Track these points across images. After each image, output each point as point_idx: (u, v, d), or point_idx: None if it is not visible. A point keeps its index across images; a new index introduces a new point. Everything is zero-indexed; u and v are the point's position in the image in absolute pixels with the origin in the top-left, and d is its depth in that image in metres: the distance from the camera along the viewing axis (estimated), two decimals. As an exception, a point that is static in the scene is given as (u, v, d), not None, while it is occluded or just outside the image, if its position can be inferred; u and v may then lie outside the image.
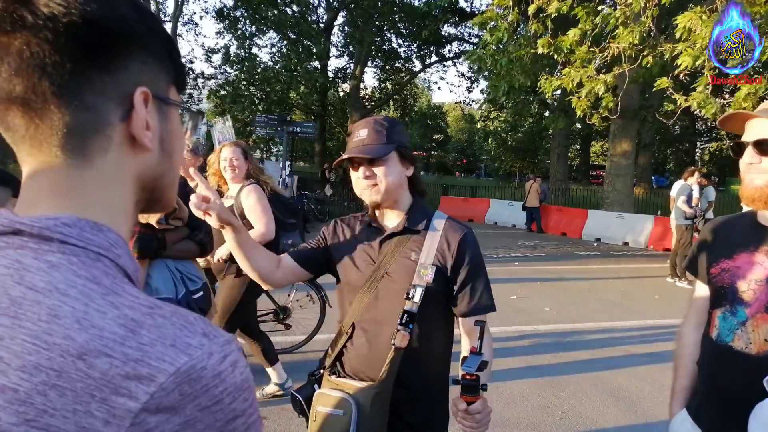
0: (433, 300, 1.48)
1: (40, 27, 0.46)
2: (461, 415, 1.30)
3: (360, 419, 1.42)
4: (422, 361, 1.51)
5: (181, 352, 0.45)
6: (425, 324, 1.49)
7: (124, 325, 0.45)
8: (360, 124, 1.54)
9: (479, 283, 1.54)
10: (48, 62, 0.47)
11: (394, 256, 1.52)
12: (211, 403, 0.45)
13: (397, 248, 1.53)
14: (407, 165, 1.56)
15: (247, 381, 0.48)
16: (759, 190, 1.30)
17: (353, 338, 1.55)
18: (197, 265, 2.72)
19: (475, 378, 1.26)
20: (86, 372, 0.42)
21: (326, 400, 1.49)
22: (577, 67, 7.48)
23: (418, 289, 1.46)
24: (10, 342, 0.43)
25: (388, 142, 1.49)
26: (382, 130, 1.49)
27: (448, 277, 1.51)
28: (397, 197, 1.55)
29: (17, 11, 0.46)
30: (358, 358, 1.53)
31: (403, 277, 1.49)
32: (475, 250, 1.56)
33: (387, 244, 1.54)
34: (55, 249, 0.48)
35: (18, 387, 0.42)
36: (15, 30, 0.46)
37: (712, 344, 1.40)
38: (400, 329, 1.45)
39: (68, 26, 0.47)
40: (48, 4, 0.46)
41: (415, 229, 1.54)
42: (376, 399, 1.44)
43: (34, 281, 0.45)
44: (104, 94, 0.51)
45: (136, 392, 0.43)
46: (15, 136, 0.51)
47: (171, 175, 0.61)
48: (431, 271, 1.48)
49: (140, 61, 0.53)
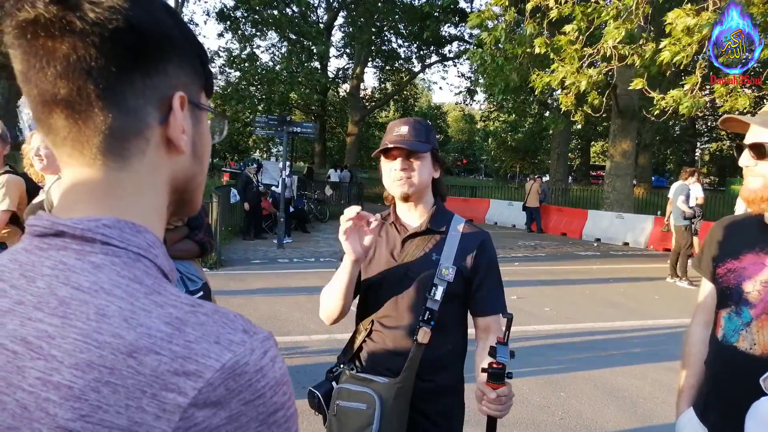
0: (453, 298, 1.55)
1: (88, 32, 0.48)
2: (488, 401, 1.33)
3: (383, 412, 1.47)
4: (441, 357, 1.56)
5: (225, 349, 0.46)
6: (444, 321, 1.54)
7: (170, 323, 0.47)
8: (400, 121, 1.61)
9: (496, 284, 1.62)
10: (94, 66, 0.49)
11: (416, 255, 1.58)
12: (254, 397, 0.46)
13: (419, 247, 1.59)
14: (437, 167, 1.64)
15: (286, 375, 0.50)
16: (753, 193, 1.31)
17: (372, 334, 1.59)
18: (197, 265, 2.72)
19: (503, 366, 1.31)
20: (137, 369, 0.44)
21: (349, 395, 1.53)
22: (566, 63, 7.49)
23: (439, 288, 1.52)
24: (61, 341, 0.45)
25: (426, 141, 1.57)
26: (421, 129, 1.58)
27: (467, 277, 1.57)
28: (424, 195, 1.62)
29: (66, 17, 0.47)
30: (378, 353, 1.58)
31: (424, 276, 1.55)
32: (492, 254, 1.64)
33: (409, 243, 1.60)
34: (98, 250, 0.49)
35: (72, 384, 0.43)
36: (63, 35, 0.48)
37: (717, 344, 1.40)
38: (422, 326, 1.50)
39: (114, 31, 0.48)
40: (95, 10, 0.48)
41: (437, 230, 1.60)
42: (399, 393, 1.49)
43: (80, 281, 0.47)
44: (145, 97, 0.52)
45: (184, 388, 0.44)
46: (56, 138, 0.52)
47: (201, 177, 0.62)
48: (452, 271, 1.54)
49: (177, 66, 0.55)
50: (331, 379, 1.65)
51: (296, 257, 9.46)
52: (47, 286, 0.47)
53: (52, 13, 0.47)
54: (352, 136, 25.06)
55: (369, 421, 1.47)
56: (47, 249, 0.50)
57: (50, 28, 0.47)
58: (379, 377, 1.53)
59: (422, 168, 1.56)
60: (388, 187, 1.62)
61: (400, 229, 1.63)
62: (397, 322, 1.56)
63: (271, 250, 10.11)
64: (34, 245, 0.51)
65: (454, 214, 1.67)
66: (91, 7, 0.48)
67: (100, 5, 0.48)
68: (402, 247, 1.60)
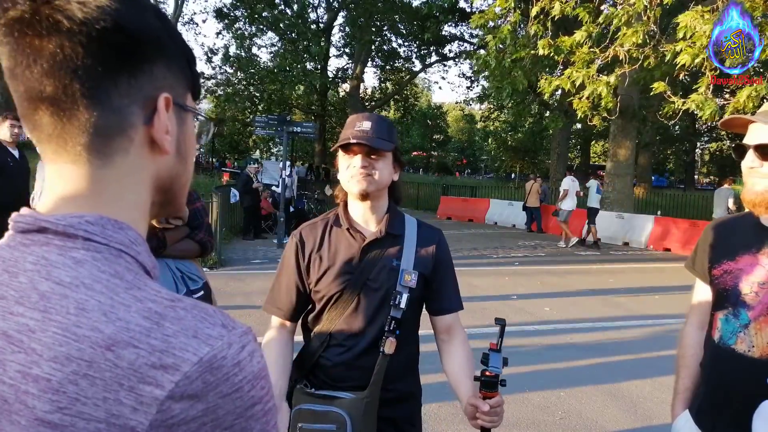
0: (414, 303, 1.51)
1: (75, 32, 0.48)
2: (482, 413, 1.31)
3: (354, 431, 1.41)
4: (404, 364, 1.54)
5: (203, 343, 0.47)
6: (408, 327, 1.52)
7: (149, 317, 0.47)
8: (362, 115, 1.52)
9: (453, 281, 1.61)
10: (80, 65, 0.49)
11: (376, 263, 1.50)
12: (231, 391, 0.47)
13: (378, 254, 1.51)
14: (396, 169, 1.56)
15: (264, 370, 0.50)
16: (759, 195, 1.29)
17: (330, 349, 1.51)
18: (198, 265, 2.72)
19: (496, 375, 1.29)
20: (115, 362, 0.45)
21: (313, 416, 1.45)
22: (578, 68, 7.48)
23: (403, 295, 1.47)
24: (41, 334, 0.46)
25: (388, 140, 1.49)
26: (384, 127, 1.50)
27: (428, 279, 1.54)
28: (382, 196, 1.54)
29: (53, 16, 0.48)
30: (337, 367, 1.49)
31: (385, 284, 1.49)
32: (448, 250, 1.62)
33: (368, 250, 1.51)
34: (80, 246, 0.50)
35: (51, 377, 0.44)
36: (50, 34, 0.48)
37: (714, 346, 1.39)
38: (388, 336, 1.45)
39: (101, 31, 0.49)
40: (83, 9, 0.48)
41: (394, 234, 1.53)
42: (367, 408, 1.44)
43: (61, 276, 0.48)
44: (130, 97, 0.53)
45: (161, 381, 0.45)
46: (41, 135, 0.53)
47: (185, 178, 0.63)
48: (414, 276, 1.49)
49: (163, 67, 0.55)
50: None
51: (296, 257, 9.45)
52: (29, 281, 0.48)
53: (39, 11, 0.47)
54: (352, 135, 24.98)
55: None
56: (30, 245, 0.50)
57: (37, 26, 0.48)
58: (343, 393, 1.46)
59: (383, 167, 1.48)
60: (344, 184, 1.51)
61: (356, 236, 1.52)
62: (359, 334, 1.48)
63: (271, 250, 10.10)
64: (18, 241, 0.51)
65: (405, 215, 1.61)
66: (79, 6, 0.48)
67: (88, 5, 0.48)
68: (360, 254, 1.50)
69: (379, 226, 1.53)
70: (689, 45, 6.33)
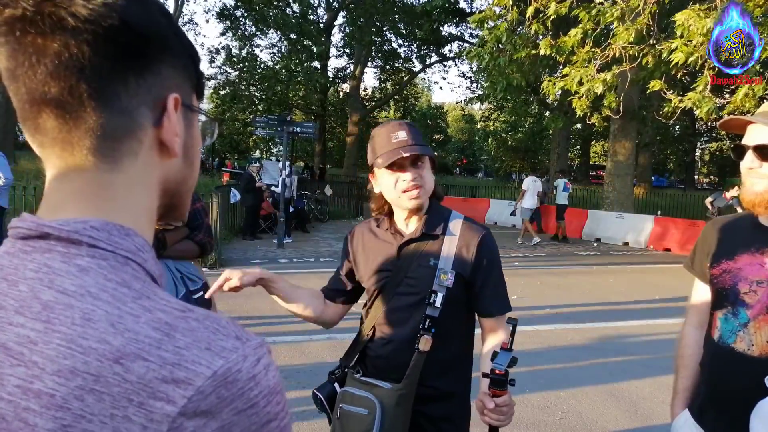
0: (454, 303, 1.50)
1: (81, 30, 0.46)
2: (488, 410, 1.32)
3: (384, 418, 1.47)
4: (444, 363, 1.54)
5: (217, 356, 0.44)
6: (447, 327, 1.51)
7: (159, 328, 0.45)
8: (393, 125, 1.50)
9: (498, 283, 1.57)
10: (86, 65, 0.47)
11: (413, 262, 1.53)
12: (246, 407, 0.45)
13: (416, 253, 1.54)
14: (432, 168, 1.58)
15: (279, 384, 0.48)
16: (759, 195, 1.29)
17: (374, 340, 1.58)
18: (197, 265, 2.72)
19: (505, 373, 1.28)
20: (123, 376, 0.42)
21: (352, 399, 1.53)
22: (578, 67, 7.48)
23: (439, 294, 1.48)
24: (44, 347, 0.43)
25: (424, 143, 1.50)
26: (418, 133, 1.51)
27: (468, 279, 1.52)
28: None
29: (57, 13, 0.45)
30: (379, 359, 1.57)
31: (422, 283, 1.51)
32: (493, 251, 1.57)
33: (406, 249, 1.55)
34: (84, 253, 0.47)
35: (54, 392, 0.41)
36: (54, 32, 0.46)
37: (713, 346, 1.39)
38: (423, 334, 1.47)
39: (108, 29, 0.47)
40: (87, 6, 0.46)
41: (433, 234, 1.54)
42: (401, 399, 1.48)
43: (65, 285, 0.45)
44: (138, 97, 0.51)
45: (173, 396, 0.42)
46: (45, 139, 0.50)
47: (191, 181, 0.61)
48: (451, 276, 1.49)
49: (170, 67, 0.53)
50: (333, 380, 1.64)
51: (296, 257, 9.45)
52: (30, 289, 0.45)
53: (42, 9, 0.45)
54: (352, 136, 25.07)
55: (369, 426, 1.46)
56: (31, 252, 0.47)
57: (40, 24, 0.45)
58: (383, 382, 1.51)
59: (428, 173, 1.50)
60: (393, 201, 1.52)
61: (396, 236, 1.57)
62: (397, 330, 1.54)
63: (271, 250, 10.11)
64: (18, 248, 0.48)
65: (452, 212, 1.61)
66: (84, 3, 0.46)
67: (93, 1, 0.46)
68: (398, 254, 1.55)
69: (417, 225, 1.56)
70: (685, 43, 6.33)
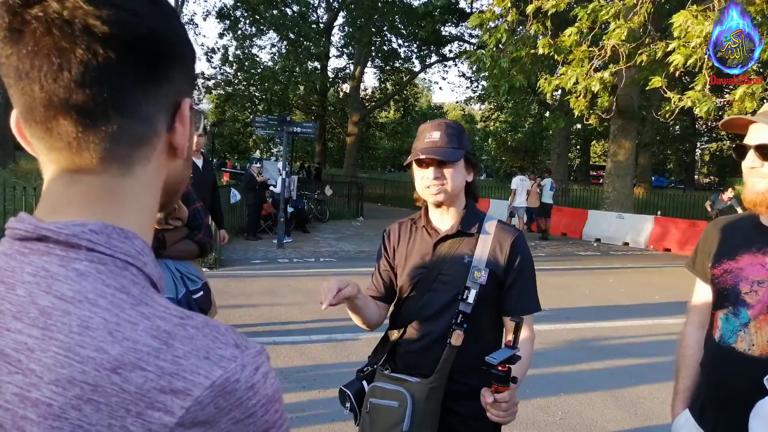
0: (486, 300, 1.54)
1: (109, 37, 0.45)
2: (488, 404, 1.34)
3: (414, 411, 1.49)
4: (474, 359, 1.54)
5: (216, 365, 0.44)
6: (478, 323, 1.55)
7: (157, 336, 0.44)
8: (432, 125, 1.58)
9: (528, 284, 1.59)
10: (114, 73, 0.47)
11: (448, 259, 1.57)
12: (244, 416, 0.44)
13: (451, 250, 1.58)
14: (470, 170, 1.62)
15: (278, 392, 0.48)
16: (760, 195, 1.30)
17: (405, 336, 1.61)
18: (197, 265, 2.72)
19: (507, 370, 1.29)
20: (121, 386, 0.42)
21: (382, 393, 1.56)
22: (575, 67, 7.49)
23: (472, 291, 1.52)
24: (41, 354, 0.42)
25: (458, 147, 1.54)
26: (453, 134, 1.54)
27: (500, 278, 1.56)
28: (457, 199, 1.61)
29: (87, 21, 0.44)
30: (410, 354, 1.59)
31: (456, 279, 1.55)
32: (525, 253, 1.61)
33: (441, 246, 1.59)
34: (83, 257, 0.46)
35: (52, 401, 0.41)
36: (82, 39, 0.45)
37: (714, 345, 1.40)
38: (455, 329, 1.51)
39: (135, 38, 0.47)
40: (118, 15, 0.45)
41: (468, 232, 1.59)
42: (431, 393, 1.51)
43: (63, 290, 0.44)
44: (157, 105, 0.51)
45: (171, 406, 0.42)
46: (57, 143, 0.49)
47: (188, 179, 0.61)
48: (484, 273, 1.53)
49: (180, 72, 0.53)
50: (362, 378, 1.68)
51: (296, 257, 9.45)
52: (27, 294, 0.44)
53: (72, 14, 0.44)
54: (352, 136, 25.07)
55: (400, 419, 1.49)
56: (28, 254, 0.46)
57: (67, 29, 0.44)
58: (412, 377, 1.55)
59: (455, 175, 1.54)
60: (420, 193, 1.61)
61: (432, 233, 1.62)
62: (430, 325, 1.57)
63: (271, 250, 10.10)
64: (15, 249, 0.47)
65: (486, 214, 1.66)
66: (113, 11, 0.45)
67: (123, 9, 0.45)
68: (434, 250, 1.59)
69: (453, 222, 1.60)
70: (683, 45, 6.32)
